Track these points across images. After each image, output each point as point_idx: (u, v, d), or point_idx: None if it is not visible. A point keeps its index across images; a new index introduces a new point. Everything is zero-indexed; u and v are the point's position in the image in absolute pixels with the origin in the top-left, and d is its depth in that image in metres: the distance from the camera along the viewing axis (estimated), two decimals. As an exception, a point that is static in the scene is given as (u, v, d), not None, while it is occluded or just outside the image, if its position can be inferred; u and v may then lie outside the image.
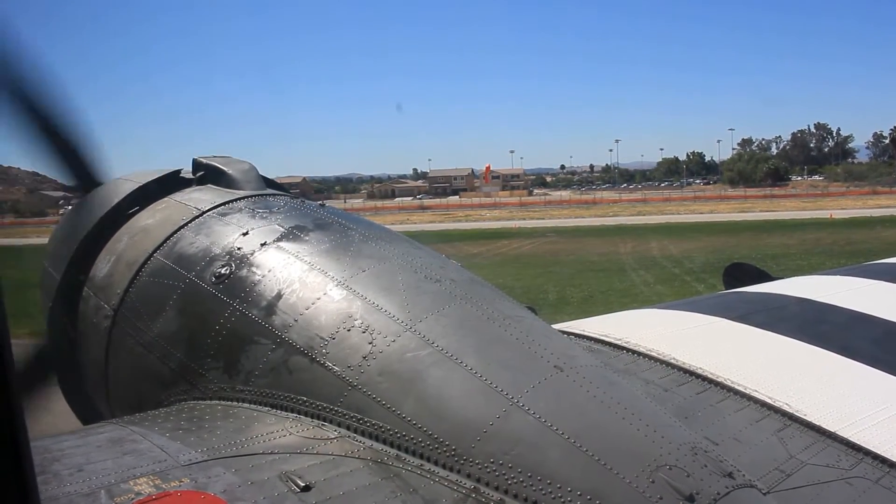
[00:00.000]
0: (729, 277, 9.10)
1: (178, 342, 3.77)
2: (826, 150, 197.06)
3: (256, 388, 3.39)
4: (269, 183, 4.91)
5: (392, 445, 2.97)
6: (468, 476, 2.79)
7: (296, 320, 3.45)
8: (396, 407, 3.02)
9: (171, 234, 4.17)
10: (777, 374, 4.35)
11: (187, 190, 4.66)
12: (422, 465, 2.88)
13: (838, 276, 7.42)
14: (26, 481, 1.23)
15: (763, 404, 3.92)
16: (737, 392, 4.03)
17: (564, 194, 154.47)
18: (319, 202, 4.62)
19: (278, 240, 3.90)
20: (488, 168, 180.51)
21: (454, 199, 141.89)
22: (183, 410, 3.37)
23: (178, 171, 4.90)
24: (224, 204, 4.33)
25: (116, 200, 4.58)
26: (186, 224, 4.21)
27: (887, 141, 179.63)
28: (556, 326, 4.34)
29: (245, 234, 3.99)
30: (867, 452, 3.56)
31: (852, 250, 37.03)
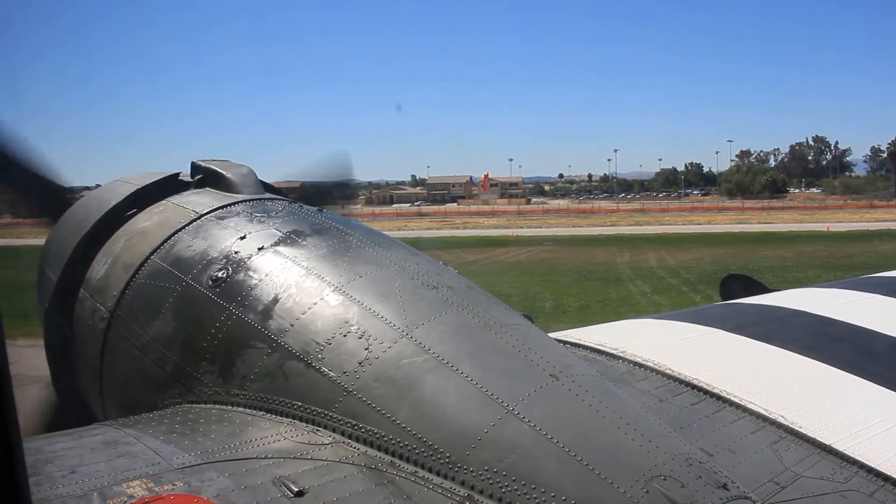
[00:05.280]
0: (725, 289, 9.11)
1: (174, 345, 3.76)
2: (824, 162, 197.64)
3: (251, 393, 3.38)
4: (267, 187, 4.91)
5: (386, 452, 2.96)
6: (462, 483, 2.78)
7: (292, 325, 3.45)
8: (391, 413, 3.02)
9: (169, 237, 4.16)
10: (772, 385, 4.35)
11: (185, 193, 4.65)
12: (416, 471, 2.87)
13: (834, 289, 7.43)
14: (19, 483, 1.23)
15: (758, 416, 3.92)
16: (732, 403, 4.03)
17: (562, 203, 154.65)
18: (317, 207, 4.62)
19: (276, 244, 3.90)
20: (486, 176, 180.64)
21: (452, 206, 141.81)
22: (177, 413, 3.37)
23: (177, 174, 4.90)
24: (222, 207, 4.33)
25: (114, 202, 4.58)
26: (184, 227, 4.20)
27: (885, 155, 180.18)
28: (553, 335, 4.34)
29: (242, 238, 3.98)
30: (861, 465, 3.56)
31: (849, 263, 37.11)
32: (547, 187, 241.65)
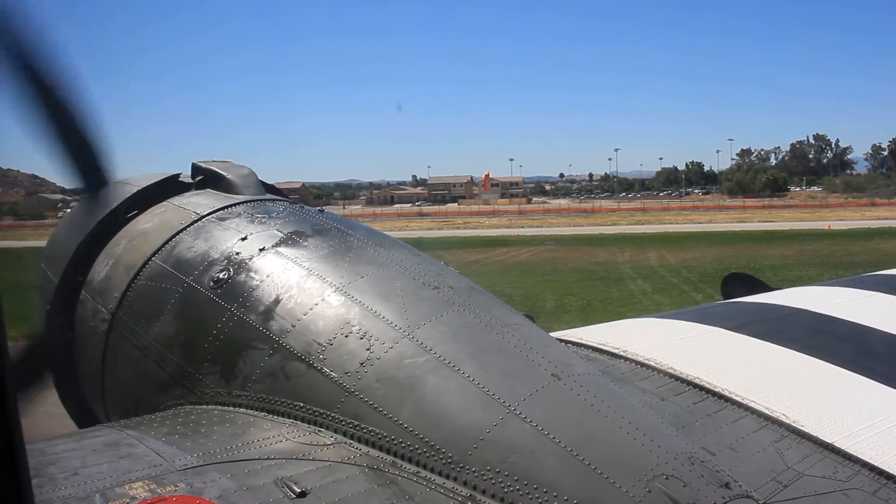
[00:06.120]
0: (727, 287, 9.09)
1: (176, 346, 3.76)
2: (825, 161, 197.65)
3: (253, 394, 3.38)
4: (268, 188, 4.91)
5: (388, 452, 2.96)
6: (464, 483, 2.78)
7: (293, 326, 3.45)
8: (393, 413, 3.02)
9: (170, 238, 4.16)
10: (774, 384, 4.34)
11: (186, 194, 4.65)
12: (418, 472, 2.87)
13: (836, 287, 7.43)
14: (21, 484, 1.23)
15: (760, 415, 3.91)
16: (734, 402, 4.02)
17: (563, 202, 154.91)
18: (318, 208, 4.62)
19: (277, 245, 3.90)
20: (487, 176, 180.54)
21: (453, 206, 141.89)
22: (179, 415, 3.37)
23: (177, 175, 4.90)
24: (223, 208, 4.33)
25: (115, 204, 4.58)
26: (185, 228, 4.20)
27: (886, 153, 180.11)
28: (554, 335, 4.33)
29: (244, 239, 3.98)
30: (864, 464, 3.55)
31: (850, 261, 37.03)
32: (548, 187, 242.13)
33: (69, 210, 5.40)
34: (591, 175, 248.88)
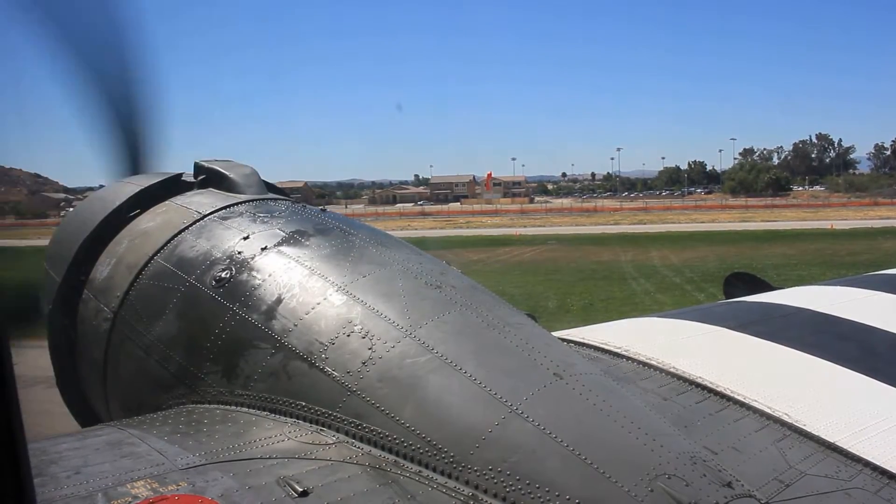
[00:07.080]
0: (729, 287, 9.09)
1: (178, 346, 3.77)
2: (827, 160, 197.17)
3: (255, 393, 3.39)
4: (270, 187, 4.92)
5: (391, 451, 2.97)
6: (466, 483, 2.78)
7: (295, 325, 3.45)
8: (395, 413, 3.02)
9: (172, 238, 4.17)
10: (777, 383, 4.34)
11: (188, 193, 4.66)
12: (420, 471, 2.87)
13: (839, 287, 7.41)
14: (23, 483, 1.23)
15: (762, 414, 3.91)
16: (736, 402, 4.02)
17: (566, 202, 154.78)
18: (321, 207, 4.62)
19: (279, 244, 3.90)
20: (490, 175, 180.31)
21: (455, 205, 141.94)
22: (181, 414, 3.37)
23: (180, 175, 4.91)
24: (225, 208, 4.34)
25: (117, 203, 4.59)
26: (187, 227, 4.21)
27: (889, 152, 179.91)
28: (556, 334, 4.33)
29: (246, 239, 3.99)
30: (866, 463, 3.55)
31: (853, 261, 36.99)
32: (550, 186, 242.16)
33: (71, 209, 5.41)
34: (593, 174, 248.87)
